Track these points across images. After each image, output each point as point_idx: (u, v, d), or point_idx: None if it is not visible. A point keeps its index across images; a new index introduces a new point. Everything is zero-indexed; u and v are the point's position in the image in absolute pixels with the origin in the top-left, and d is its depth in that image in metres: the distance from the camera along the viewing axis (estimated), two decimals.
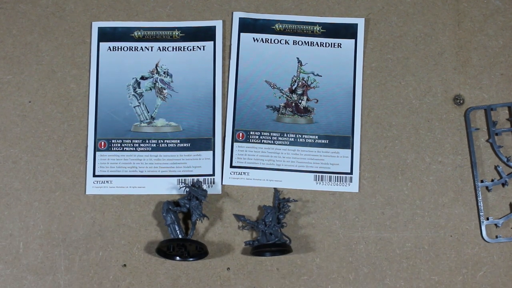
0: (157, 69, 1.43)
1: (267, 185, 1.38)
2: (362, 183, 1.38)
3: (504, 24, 1.43)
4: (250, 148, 1.40)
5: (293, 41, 1.43)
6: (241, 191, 1.39)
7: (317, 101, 1.42)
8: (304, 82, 1.42)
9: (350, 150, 1.39)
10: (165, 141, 1.40)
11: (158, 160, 1.40)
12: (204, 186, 1.38)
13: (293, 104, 1.42)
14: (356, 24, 1.43)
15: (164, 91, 1.42)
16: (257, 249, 1.34)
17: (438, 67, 1.42)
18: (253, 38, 1.43)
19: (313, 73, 1.42)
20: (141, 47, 1.43)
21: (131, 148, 1.40)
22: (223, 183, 1.39)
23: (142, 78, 1.43)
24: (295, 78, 1.42)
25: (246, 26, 1.43)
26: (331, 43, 1.43)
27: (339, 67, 1.42)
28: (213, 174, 1.39)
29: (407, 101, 1.41)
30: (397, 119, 1.40)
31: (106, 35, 1.43)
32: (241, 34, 1.43)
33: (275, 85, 1.42)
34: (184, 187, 1.36)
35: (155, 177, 1.39)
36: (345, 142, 1.40)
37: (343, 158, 1.39)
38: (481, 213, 1.36)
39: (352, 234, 1.37)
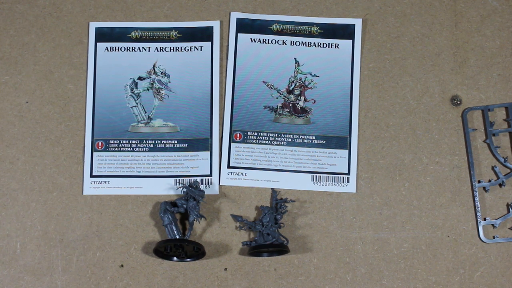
0: (154, 70, 1.43)
1: (265, 185, 1.38)
2: (359, 184, 1.39)
3: (501, 24, 1.43)
4: (247, 148, 1.40)
5: (291, 41, 1.43)
6: (239, 191, 1.39)
7: (315, 101, 1.42)
8: (301, 82, 1.42)
9: (347, 151, 1.39)
10: (162, 141, 1.40)
11: (156, 161, 1.40)
12: (202, 187, 1.38)
13: (291, 105, 1.42)
14: (354, 25, 1.43)
15: (162, 92, 1.42)
16: (254, 249, 1.34)
17: (436, 68, 1.42)
18: (251, 38, 1.43)
19: (310, 74, 1.42)
20: (139, 48, 1.43)
21: (129, 149, 1.40)
22: (220, 184, 1.39)
23: (140, 78, 1.43)
24: (293, 79, 1.42)
25: (244, 26, 1.43)
26: (329, 44, 1.43)
27: (337, 68, 1.42)
28: (211, 175, 1.39)
29: (404, 101, 1.41)
30: (394, 120, 1.40)
31: (103, 35, 1.43)
32: (239, 34, 1.43)
33: (272, 85, 1.42)
34: (181, 188, 1.36)
35: (153, 177, 1.39)
36: (342, 142, 1.40)
37: (341, 158, 1.39)
38: (478, 214, 1.37)
39: (350, 235, 1.37)
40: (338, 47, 1.43)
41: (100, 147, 1.40)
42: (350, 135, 1.40)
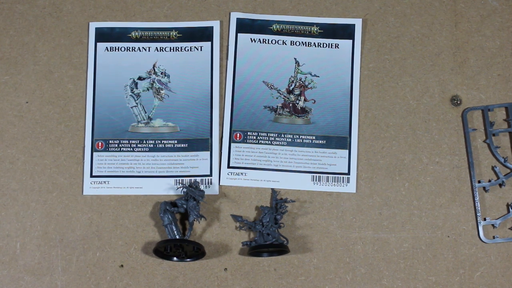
0: (154, 70, 1.43)
1: (265, 185, 1.38)
2: (359, 184, 1.39)
3: (501, 24, 1.43)
4: (247, 148, 1.40)
5: (291, 41, 1.43)
6: (239, 191, 1.39)
7: (315, 101, 1.42)
8: (301, 82, 1.42)
9: (347, 151, 1.39)
10: (162, 141, 1.40)
11: (156, 161, 1.40)
12: (202, 187, 1.38)
13: (291, 105, 1.42)
14: (354, 25, 1.43)
15: (162, 92, 1.42)
16: (254, 249, 1.34)
17: (435, 68, 1.42)
18: (251, 38, 1.43)
19: (310, 74, 1.42)
20: (139, 48, 1.43)
21: (129, 149, 1.40)
22: (220, 184, 1.39)
23: (140, 78, 1.43)
24: (293, 79, 1.42)
25: (244, 26, 1.43)
26: (329, 44, 1.43)
27: (337, 68, 1.42)
28: (211, 175, 1.39)
29: (404, 101, 1.41)
30: (394, 120, 1.40)
31: (103, 35, 1.43)
32: (239, 34, 1.43)
33: (272, 85, 1.42)
34: (181, 188, 1.36)
35: (153, 177, 1.39)
36: (342, 142, 1.40)
37: (341, 158, 1.39)
38: (478, 214, 1.37)
39: (350, 235, 1.37)
40: (338, 47, 1.43)
41: (100, 147, 1.40)
42: (350, 135, 1.40)
